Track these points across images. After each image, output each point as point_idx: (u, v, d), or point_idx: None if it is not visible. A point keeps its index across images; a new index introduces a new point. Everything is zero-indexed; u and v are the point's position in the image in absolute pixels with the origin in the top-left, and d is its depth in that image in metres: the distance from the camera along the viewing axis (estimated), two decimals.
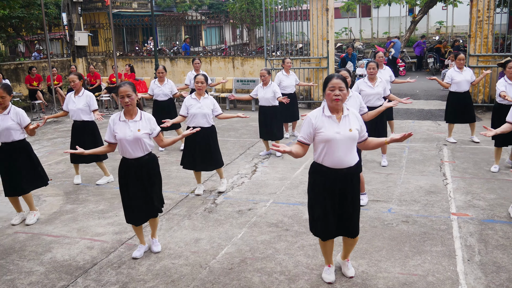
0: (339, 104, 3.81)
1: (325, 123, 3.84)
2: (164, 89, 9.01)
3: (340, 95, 3.77)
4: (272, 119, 8.31)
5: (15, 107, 5.60)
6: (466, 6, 16.91)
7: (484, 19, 11.55)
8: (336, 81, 3.79)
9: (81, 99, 6.96)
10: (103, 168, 7.30)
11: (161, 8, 35.85)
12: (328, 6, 12.84)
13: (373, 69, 7.19)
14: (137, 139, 4.53)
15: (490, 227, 5.20)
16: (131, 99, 4.50)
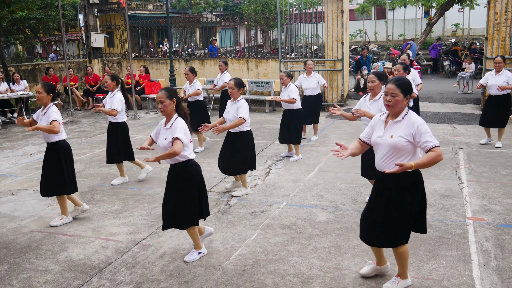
0: (390, 110, 3.78)
1: (377, 126, 3.89)
2: (191, 90, 9.10)
3: (391, 101, 3.71)
4: (291, 122, 8.25)
5: (53, 107, 5.62)
6: (483, 8, 16.72)
7: (502, 21, 11.42)
8: (390, 87, 3.72)
9: (110, 100, 7.07)
10: (121, 169, 7.36)
11: (176, 10, 36.08)
12: (343, 8, 12.80)
13: (398, 71, 7.24)
14: (163, 148, 4.51)
15: (507, 232, 5.13)
16: (164, 105, 4.45)
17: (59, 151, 5.66)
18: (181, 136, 4.36)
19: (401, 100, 3.69)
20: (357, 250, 4.81)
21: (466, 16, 32.47)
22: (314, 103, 9.60)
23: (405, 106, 3.76)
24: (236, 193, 6.58)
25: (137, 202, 6.45)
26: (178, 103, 4.55)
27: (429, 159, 3.57)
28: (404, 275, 4.06)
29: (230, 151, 6.49)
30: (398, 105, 3.71)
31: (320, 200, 6.32)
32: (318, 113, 9.83)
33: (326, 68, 13.23)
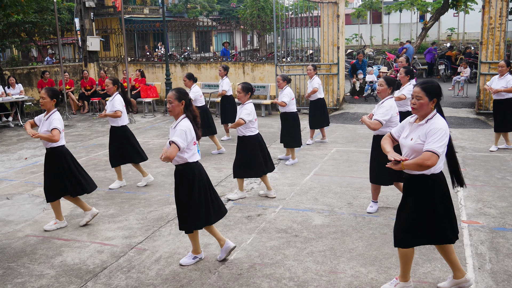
0: (415, 112, 3.78)
1: (405, 127, 3.94)
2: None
3: (416, 104, 3.72)
4: (287, 125, 8.28)
5: (56, 114, 5.58)
6: (477, 13, 16.85)
7: (496, 26, 11.50)
8: (415, 89, 3.75)
9: (110, 103, 7.09)
10: (118, 172, 7.35)
11: (172, 14, 36.15)
12: (339, 12, 12.85)
13: (400, 74, 7.27)
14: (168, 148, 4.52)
15: (501, 235, 5.16)
16: (172, 106, 4.46)
17: (57, 157, 5.65)
18: (176, 139, 4.32)
19: (425, 103, 3.67)
20: (353, 254, 4.82)
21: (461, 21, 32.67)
22: (319, 107, 9.58)
23: (431, 110, 3.72)
24: (232, 196, 6.59)
25: (133, 206, 6.44)
26: (187, 105, 4.53)
27: (416, 160, 3.57)
28: (404, 277, 4.04)
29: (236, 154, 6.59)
30: (423, 108, 3.69)
31: (316, 203, 6.33)
32: (327, 117, 9.82)
33: (322, 72, 13.27)
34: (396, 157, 3.64)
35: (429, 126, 3.64)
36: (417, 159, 3.57)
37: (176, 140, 4.32)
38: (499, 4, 11.34)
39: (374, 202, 6.00)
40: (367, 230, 5.41)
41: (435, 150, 3.51)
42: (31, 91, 15.33)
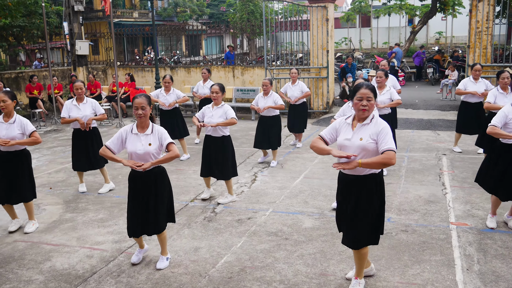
0: (366, 114, 3.81)
1: (342, 129, 3.91)
2: (168, 98, 9.08)
3: (367, 105, 3.77)
4: (271, 129, 8.34)
5: (19, 116, 5.59)
6: (465, 17, 17.04)
7: (483, 30, 11.64)
8: (365, 91, 3.78)
9: (86, 106, 7.04)
10: (105, 175, 7.32)
11: (162, 18, 36.09)
12: (328, 16, 12.93)
13: (380, 77, 7.34)
14: (147, 153, 4.49)
15: (489, 237, 5.21)
16: (145, 111, 4.47)
17: (25, 158, 5.71)
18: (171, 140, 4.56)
19: (374, 104, 3.82)
20: (343, 256, 4.84)
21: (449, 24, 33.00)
22: (298, 111, 9.64)
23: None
24: (222, 200, 6.59)
25: (123, 211, 6.40)
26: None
27: (378, 159, 3.65)
28: (361, 275, 4.16)
29: (217, 156, 6.54)
30: (372, 109, 3.82)
31: (306, 206, 6.35)
32: (305, 122, 9.88)
33: (311, 76, 13.33)
34: (348, 154, 3.67)
35: (376, 125, 3.78)
36: (382, 158, 3.63)
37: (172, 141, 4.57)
38: (486, 8, 11.48)
39: None
40: None
41: (394, 148, 3.68)
42: (19, 95, 15.20)
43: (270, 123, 8.33)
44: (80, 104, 7.02)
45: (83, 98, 7.04)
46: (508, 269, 4.47)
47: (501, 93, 7.07)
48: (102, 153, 4.61)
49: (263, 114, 8.35)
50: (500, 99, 6.99)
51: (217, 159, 6.51)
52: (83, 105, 7.02)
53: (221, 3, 40.30)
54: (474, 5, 11.61)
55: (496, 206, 5.51)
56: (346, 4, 55.58)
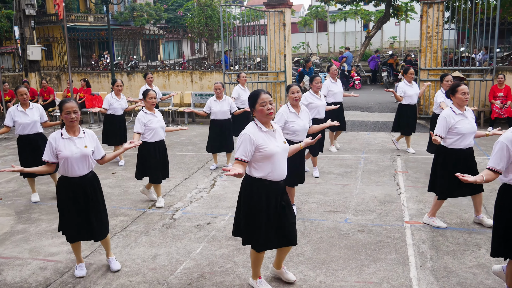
0: (272, 117, 3.95)
1: (265, 138, 3.86)
2: (122, 103, 8.95)
3: (272, 109, 3.91)
4: (226, 132, 8.35)
5: None
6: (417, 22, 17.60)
7: (434, 34, 12.06)
8: (265, 96, 3.90)
9: (33, 111, 6.86)
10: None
11: (118, 22, 35.49)
12: (285, 21, 13.08)
13: (320, 82, 7.55)
14: (84, 156, 4.44)
15: (441, 234, 5.39)
16: (77, 115, 4.44)
17: None
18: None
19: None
20: (301, 258, 4.89)
21: (402, 30, 34.05)
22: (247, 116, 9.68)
23: None
24: (159, 203, 6.66)
25: None
26: None
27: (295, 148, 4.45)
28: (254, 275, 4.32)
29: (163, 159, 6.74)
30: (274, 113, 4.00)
31: None
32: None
33: (269, 80, 13.43)
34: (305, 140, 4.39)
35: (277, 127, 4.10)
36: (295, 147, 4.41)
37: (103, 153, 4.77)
38: (436, 14, 11.91)
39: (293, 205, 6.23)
40: (315, 234, 5.51)
41: None
42: None
43: (225, 127, 8.34)
44: (27, 110, 6.85)
45: (28, 103, 6.88)
46: (459, 265, 4.64)
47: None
48: (48, 170, 4.62)
49: (218, 118, 8.33)
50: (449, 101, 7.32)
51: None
52: (30, 110, 6.86)
53: (179, 8, 40.05)
54: (424, 11, 12.02)
55: (437, 209, 5.68)
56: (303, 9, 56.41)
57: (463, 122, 5.26)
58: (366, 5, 29.44)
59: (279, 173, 3.94)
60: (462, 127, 5.25)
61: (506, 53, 18.14)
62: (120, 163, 9.00)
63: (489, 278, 4.38)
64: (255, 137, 3.83)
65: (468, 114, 5.36)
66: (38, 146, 6.89)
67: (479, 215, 5.62)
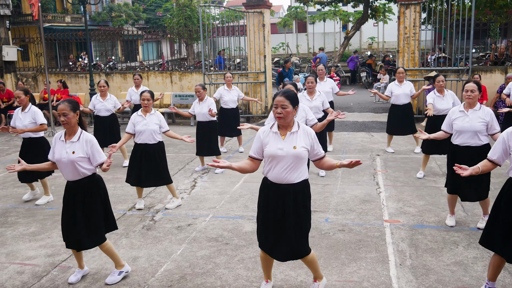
0: (281, 122, 3.78)
1: (270, 138, 3.84)
2: (106, 104, 8.83)
3: (282, 113, 3.73)
4: (210, 134, 8.31)
5: None
6: (395, 23, 17.83)
7: (411, 35, 12.23)
8: (279, 99, 3.74)
9: (27, 115, 6.73)
10: (45, 186, 7.01)
11: (96, 23, 35.07)
12: (265, 22, 13.10)
13: (311, 83, 7.48)
14: (71, 162, 4.29)
15: (420, 232, 5.47)
16: (68, 118, 4.27)
17: None
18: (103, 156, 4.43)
19: (291, 111, 3.76)
20: None
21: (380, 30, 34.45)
22: (234, 115, 9.68)
23: (293, 117, 3.85)
24: (170, 205, 6.56)
25: (56, 223, 6.14)
26: (80, 116, 4.45)
27: (332, 163, 3.93)
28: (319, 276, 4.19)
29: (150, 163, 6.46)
30: (289, 116, 3.77)
31: (246, 210, 6.38)
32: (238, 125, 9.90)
33: (249, 81, 13.44)
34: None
35: (304, 133, 3.83)
36: (332, 163, 3.89)
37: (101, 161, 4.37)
38: (413, 15, 12.08)
39: None
40: None
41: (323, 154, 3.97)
42: None
43: (208, 129, 8.29)
44: (22, 113, 6.80)
45: (25, 106, 6.78)
46: (437, 262, 4.71)
47: (438, 96, 7.51)
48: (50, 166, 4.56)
49: (200, 119, 8.31)
50: (438, 102, 7.45)
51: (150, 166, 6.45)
52: (24, 114, 6.78)
53: (158, 8, 39.78)
54: (401, 12, 12.18)
55: (453, 205, 5.69)
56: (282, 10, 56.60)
57: (461, 119, 5.38)
58: (345, 6, 29.74)
59: (276, 176, 3.80)
60: (456, 124, 5.40)
61: (481, 53, 18.52)
62: (125, 164, 8.90)
63: (467, 275, 4.46)
64: (263, 135, 3.89)
65: (473, 114, 5.32)
66: (30, 151, 6.85)
67: (487, 215, 5.49)
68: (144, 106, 6.38)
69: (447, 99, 7.49)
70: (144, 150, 6.40)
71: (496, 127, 5.26)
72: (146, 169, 6.39)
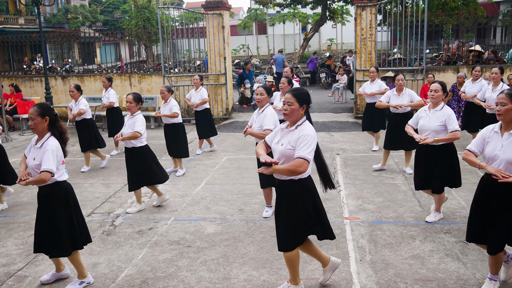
0: (287, 118, 3.86)
1: (278, 132, 3.98)
2: (76, 109, 8.62)
3: (287, 110, 3.80)
4: (174, 136, 8.24)
5: None
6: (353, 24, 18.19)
7: (368, 36, 12.51)
8: (287, 96, 3.82)
9: None
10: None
11: (52, 24, 34.13)
12: (224, 23, 13.10)
13: (283, 84, 7.56)
14: (31, 168, 4.19)
15: (379, 228, 5.60)
16: (34, 123, 4.15)
17: None
18: (49, 166, 4.07)
19: (296, 109, 3.78)
20: (245, 259, 4.92)
21: (339, 32, 35.05)
22: (204, 117, 9.64)
23: (301, 116, 3.84)
24: (131, 209, 6.46)
25: (11, 231, 5.94)
26: (53, 122, 4.25)
27: (289, 166, 3.66)
28: (294, 280, 4.14)
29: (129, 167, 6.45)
30: (294, 114, 3.79)
31: (208, 212, 6.35)
32: (210, 127, 9.86)
33: (210, 82, 13.40)
34: (267, 159, 3.67)
35: (299, 132, 3.76)
36: (289, 166, 3.66)
37: (49, 168, 4.07)
38: (369, 16, 12.36)
39: (269, 207, 6.16)
40: (258, 234, 5.55)
41: (305, 156, 3.64)
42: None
43: (171, 131, 8.24)
44: None
45: None
46: (395, 256, 4.84)
47: (395, 94, 7.73)
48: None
49: (164, 122, 8.30)
50: (394, 100, 7.68)
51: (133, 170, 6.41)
52: None
53: (115, 10, 39.07)
54: (358, 13, 12.44)
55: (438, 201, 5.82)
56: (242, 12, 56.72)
57: (423, 119, 5.56)
58: (304, 8, 30.09)
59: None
60: (419, 123, 5.60)
61: (435, 54, 19.13)
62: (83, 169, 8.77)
63: (423, 267, 4.60)
64: (277, 128, 4.05)
65: (434, 114, 5.45)
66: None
67: (438, 212, 5.83)
68: (127, 109, 6.33)
69: (403, 98, 7.70)
70: (128, 153, 6.41)
71: (453, 126, 5.36)
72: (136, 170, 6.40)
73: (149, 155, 6.49)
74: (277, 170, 3.69)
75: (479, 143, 4.03)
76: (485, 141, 3.98)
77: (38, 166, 4.12)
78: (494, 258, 4.00)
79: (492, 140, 3.93)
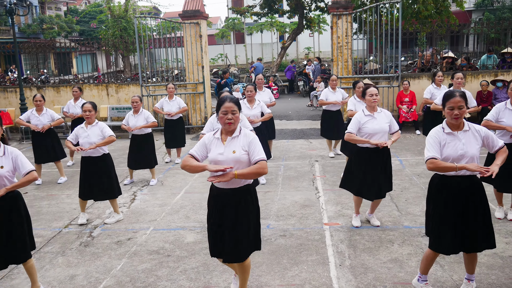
0: (232, 127, 3.79)
1: (213, 144, 3.85)
2: (42, 119, 8.42)
3: (232, 118, 3.77)
4: (145, 147, 8.19)
5: None
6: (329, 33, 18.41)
7: (344, 44, 12.67)
8: (229, 105, 3.77)
9: None
10: None
11: (26, 35, 33.66)
12: (202, 32, 13.12)
13: (250, 91, 7.58)
14: (2, 177, 4.14)
15: (358, 233, 5.65)
16: None
17: None
18: (31, 166, 4.28)
19: (239, 116, 3.84)
20: (225, 267, 4.89)
21: (316, 40, 35.43)
22: (177, 126, 9.62)
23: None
24: (109, 220, 6.38)
25: None
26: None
27: (253, 169, 3.69)
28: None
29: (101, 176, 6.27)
30: (237, 121, 3.83)
31: (188, 221, 6.32)
32: (183, 136, 9.85)
33: (188, 91, 13.37)
34: (227, 166, 3.62)
35: (246, 137, 3.81)
36: (254, 168, 3.68)
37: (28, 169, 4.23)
38: (345, 25, 12.53)
39: None
40: None
41: (265, 157, 3.77)
42: None
43: (143, 141, 8.17)
44: None
45: None
46: (374, 261, 4.89)
47: (358, 101, 7.78)
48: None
49: (134, 132, 8.14)
50: (359, 107, 7.71)
51: (101, 179, 6.24)
52: None
53: (92, 20, 38.76)
54: (334, 22, 12.60)
55: (359, 206, 5.97)
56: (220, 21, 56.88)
57: (370, 122, 5.53)
58: (281, 17, 30.33)
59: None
60: (367, 127, 5.52)
61: (410, 61, 19.47)
62: (60, 180, 8.60)
63: (402, 271, 4.65)
64: (207, 140, 3.88)
65: (380, 116, 5.58)
66: None
67: (371, 214, 6.01)
68: (86, 118, 6.23)
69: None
70: (89, 163, 6.26)
71: (395, 127, 5.65)
72: (94, 182, 6.24)
73: (111, 163, 6.51)
74: (240, 175, 3.66)
75: (436, 148, 3.96)
76: (441, 144, 4.00)
77: (10, 173, 4.19)
78: (471, 256, 4.11)
79: (449, 141, 3.96)
